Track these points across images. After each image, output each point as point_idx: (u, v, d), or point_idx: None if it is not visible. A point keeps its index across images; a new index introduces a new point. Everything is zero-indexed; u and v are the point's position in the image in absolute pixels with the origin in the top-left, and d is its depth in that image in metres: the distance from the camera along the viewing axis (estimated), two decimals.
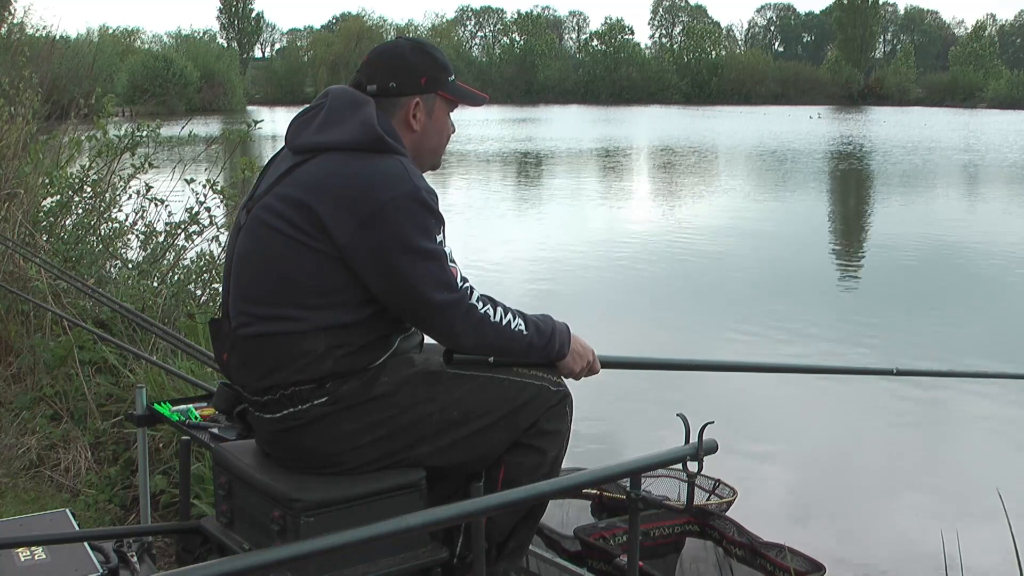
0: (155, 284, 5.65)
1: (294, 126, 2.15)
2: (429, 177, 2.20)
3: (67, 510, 2.85)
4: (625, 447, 5.45)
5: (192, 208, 5.79)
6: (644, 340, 7.85)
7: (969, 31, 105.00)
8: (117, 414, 4.30)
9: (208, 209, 5.81)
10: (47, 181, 6.24)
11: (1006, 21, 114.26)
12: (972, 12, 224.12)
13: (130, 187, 6.30)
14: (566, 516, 3.56)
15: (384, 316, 2.07)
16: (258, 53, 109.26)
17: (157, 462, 3.79)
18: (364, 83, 2.16)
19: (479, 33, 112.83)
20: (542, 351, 2.17)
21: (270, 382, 2.04)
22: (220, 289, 2.60)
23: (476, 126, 38.81)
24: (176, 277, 5.75)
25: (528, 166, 26.85)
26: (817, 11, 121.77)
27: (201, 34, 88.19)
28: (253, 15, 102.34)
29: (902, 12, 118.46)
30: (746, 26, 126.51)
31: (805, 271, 11.32)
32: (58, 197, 6.16)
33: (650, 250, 12.39)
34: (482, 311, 2.07)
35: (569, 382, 2.29)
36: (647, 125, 48.74)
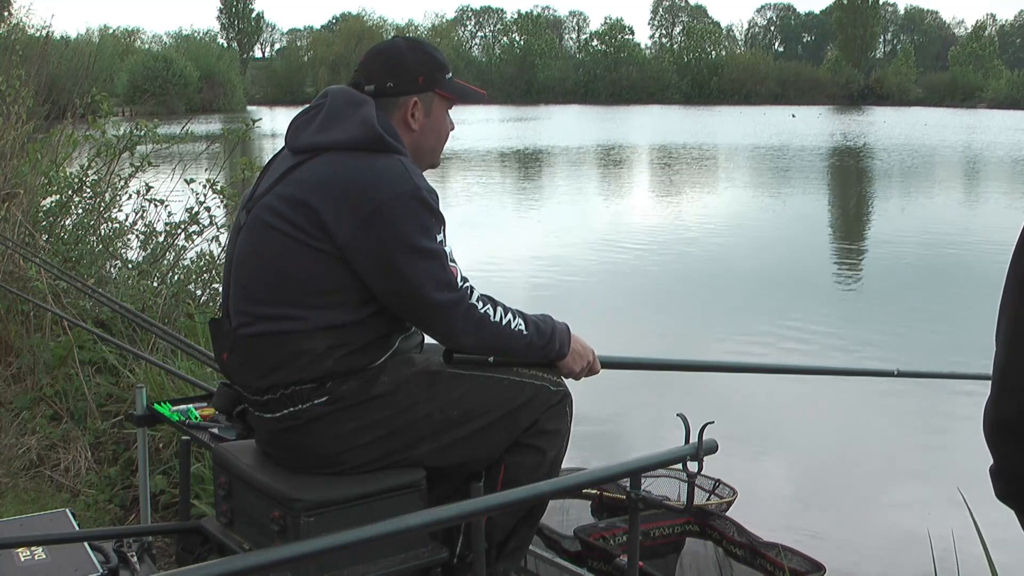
0: (155, 284, 5.64)
1: (294, 126, 2.16)
2: (429, 175, 2.20)
3: (67, 510, 2.85)
4: (625, 447, 5.44)
5: (192, 208, 5.79)
6: (645, 340, 7.85)
7: (969, 31, 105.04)
8: (117, 414, 4.29)
9: (208, 209, 5.81)
10: (46, 181, 6.24)
11: (1006, 21, 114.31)
12: (972, 12, 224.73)
13: (130, 187, 6.30)
14: (566, 516, 3.56)
15: (384, 316, 2.07)
16: (258, 53, 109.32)
17: (157, 462, 3.79)
18: (362, 83, 2.16)
19: (479, 33, 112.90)
20: (542, 351, 2.17)
21: (270, 382, 2.04)
22: (220, 289, 2.60)
23: (476, 125, 38.83)
24: (176, 277, 5.75)
25: (528, 166, 26.86)
26: (817, 11, 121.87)
27: (201, 34, 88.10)
28: (253, 15, 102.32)
29: (902, 12, 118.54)
30: (746, 26, 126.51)
31: (806, 271, 11.32)
32: (57, 197, 6.15)
33: (650, 250, 12.39)
34: (482, 311, 2.07)
35: (569, 382, 2.29)
36: (647, 125, 48.73)
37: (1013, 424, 1.11)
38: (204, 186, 5.77)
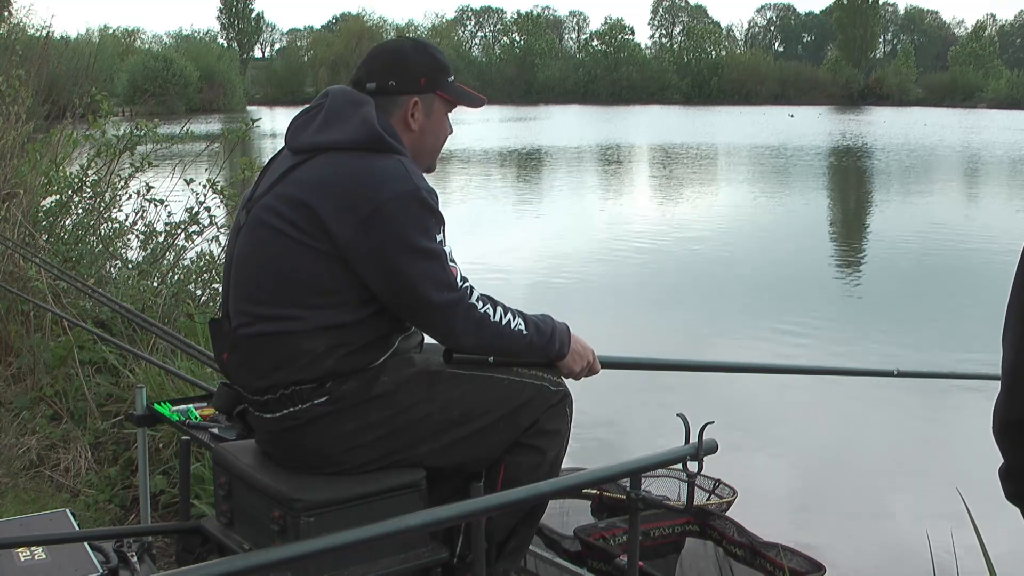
0: (155, 284, 5.64)
1: (294, 126, 2.15)
2: (431, 175, 2.20)
3: (67, 510, 2.85)
4: (625, 447, 5.44)
5: (192, 208, 5.79)
6: (645, 340, 7.85)
7: (969, 31, 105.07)
8: (117, 414, 4.29)
9: (208, 209, 5.81)
10: (46, 181, 6.24)
11: (1006, 21, 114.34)
12: (972, 12, 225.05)
13: (130, 187, 6.30)
14: (566, 516, 3.56)
15: (384, 316, 2.07)
16: (258, 53, 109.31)
17: (157, 462, 3.79)
18: (364, 80, 2.16)
19: (479, 33, 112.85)
20: (542, 351, 2.17)
21: (270, 382, 2.04)
22: (220, 289, 2.60)
23: (476, 125, 38.83)
24: (176, 277, 5.75)
25: (528, 166, 26.85)
26: (817, 11, 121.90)
27: (201, 34, 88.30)
28: (253, 15, 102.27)
29: (902, 12, 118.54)
30: (746, 26, 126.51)
31: (806, 271, 11.32)
32: (57, 197, 6.16)
33: (650, 250, 12.39)
34: (482, 311, 2.07)
35: (569, 382, 2.29)
36: (647, 125, 48.73)
37: (1022, 425, 1.11)
38: (204, 186, 5.77)
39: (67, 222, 6.15)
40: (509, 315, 2.12)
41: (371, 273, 2.00)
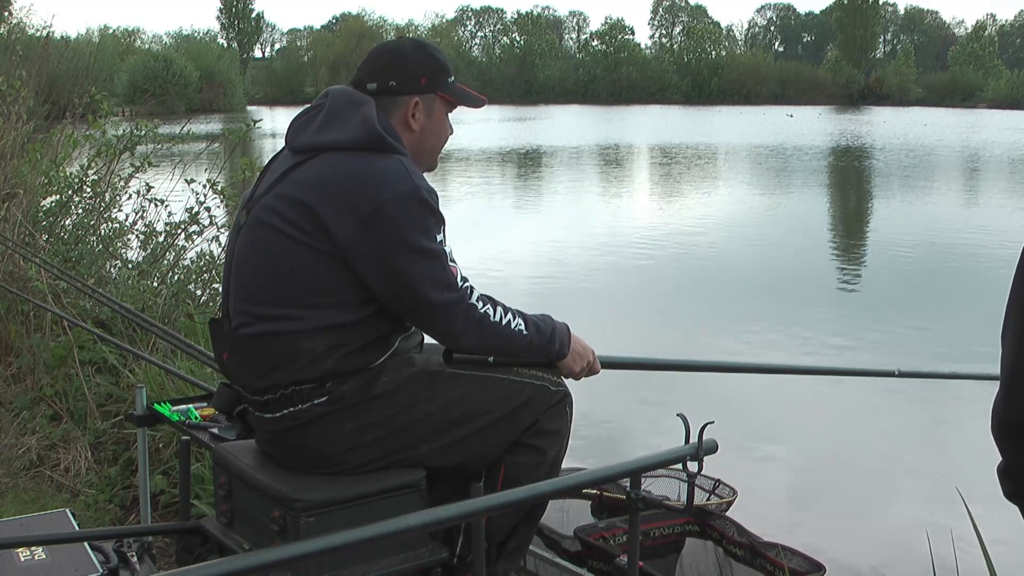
0: (155, 284, 5.64)
1: (294, 126, 2.15)
2: (431, 175, 2.20)
3: (67, 510, 2.85)
4: (625, 447, 5.44)
5: (192, 208, 5.79)
6: (645, 340, 7.84)
7: (969, 31, 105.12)
8: (117, 414, 4.29)
9: (208, 209, 5.81)
10: (46, 181, 6.24)
11: (1006, 21, 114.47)
12: (972, 12, 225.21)
13: (130, 187, 6.30)
14: (566, 516, 3.56)
15: (384, 316, 2.07)
16: (258, 53, 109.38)
17: (157, 462, 3.79)
18: (364, 81, 2.16)
19: (479, 33, 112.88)
20: (542, 351, 2.17)
21: (270, 382, 2.04)
22: (220, 289, 2.60)
23: (476, 125, 38.83)
24: (176, 277, 5.75)
25: (528, 166, 26.85)
26: (817, 11, 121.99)
27: (201, 34, 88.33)
28: (253, 15, 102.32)
29: (902, 12, 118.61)
30: (746, 26, 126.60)
31: (806, 271, 11.32)
32: (57, 197, 6.16)
33: (651, 250, 12.39)
34: (482, 311, 2.07)
35: (569, 382, 2.29)
36: (647, 125, 48.72)
37: (1022, 425, 1.12)
38: (204, 186, 5.77)
39: (67, 222, 6.15)
40: (509, 315, 2.12)
41: (371, 273, 2.00)
